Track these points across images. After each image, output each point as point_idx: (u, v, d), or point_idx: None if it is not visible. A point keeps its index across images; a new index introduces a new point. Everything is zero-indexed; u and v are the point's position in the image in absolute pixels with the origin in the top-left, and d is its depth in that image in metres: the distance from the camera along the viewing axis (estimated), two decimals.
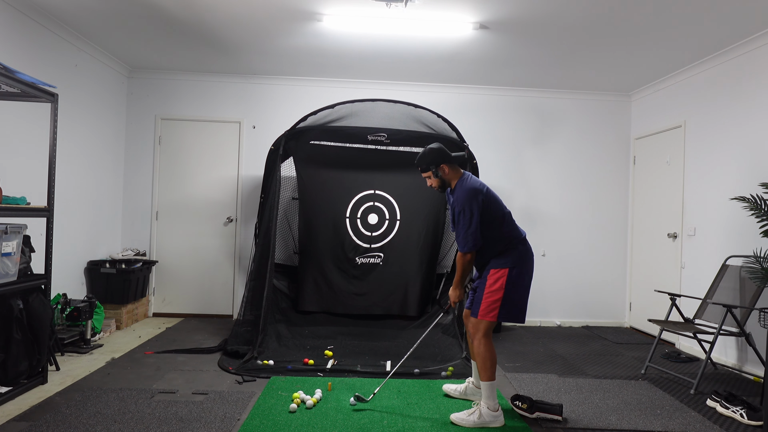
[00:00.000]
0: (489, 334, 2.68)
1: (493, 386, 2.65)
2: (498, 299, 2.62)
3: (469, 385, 3.02)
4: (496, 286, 2.63)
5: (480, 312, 2.65)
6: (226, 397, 2.91)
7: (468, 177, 2.76)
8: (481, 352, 2.66)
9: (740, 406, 2.84)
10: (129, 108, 5.14)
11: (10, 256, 2.85)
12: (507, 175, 5.32)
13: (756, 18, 3.42)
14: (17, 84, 2.79)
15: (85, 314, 3.82)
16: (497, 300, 2.62)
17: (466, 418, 2.65)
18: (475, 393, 2.98)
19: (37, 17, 3.66)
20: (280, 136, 4.38)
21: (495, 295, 2.62)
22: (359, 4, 3.42)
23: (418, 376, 3.39)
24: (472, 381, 3.02)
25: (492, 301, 2.63)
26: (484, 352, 2.65)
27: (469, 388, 3.02)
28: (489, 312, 2.63)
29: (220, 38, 4.13)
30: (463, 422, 2.64)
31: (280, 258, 4.70)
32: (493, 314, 2.63)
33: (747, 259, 3.52)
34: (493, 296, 2.63)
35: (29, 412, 2.64)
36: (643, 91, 5.19)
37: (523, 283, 2.69)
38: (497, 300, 2.62)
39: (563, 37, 3.86)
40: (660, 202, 4.88)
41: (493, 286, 2.64)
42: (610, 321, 5.39)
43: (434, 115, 4.42)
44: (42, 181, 3.28)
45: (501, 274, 2.64)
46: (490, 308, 2.63)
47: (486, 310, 2.64)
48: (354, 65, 4.73)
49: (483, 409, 2.65)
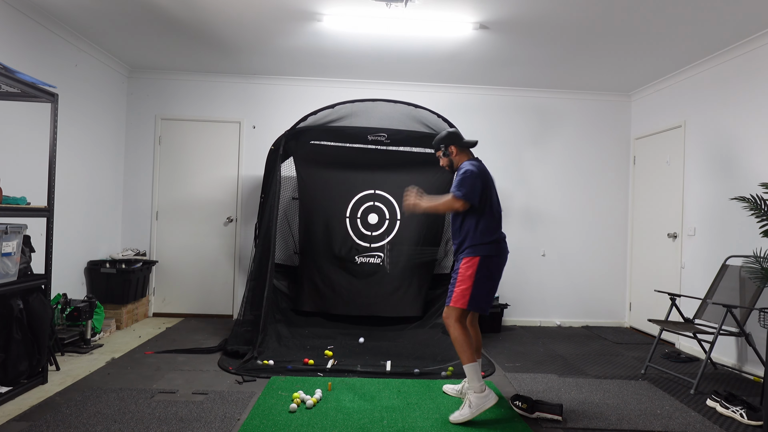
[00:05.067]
0: (460, 320, 2.79)
1: (474, 368, 2.75)
2: (468, 287, 2.75)
3: (467, 384, 3.03)
4: (467, 274, 2.76)
5: (452, 300, 2.78)
6: (226, 397, 2.91)
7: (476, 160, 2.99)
8: (455, 337, 2.77)
9: (740, 406, 2.85)
10: (129, 108, 5.14)
11: (10, 256, 2.85)
12: (507, 175, 5.32)
13: (756, 18, 3.42)
14: (17, 84, 2.79)
15: (85, 314, 3.82)
16: (467, 288, 2.75)
17: (462, 413, 2.72)
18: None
19: (37, 17, 3.66)
20: (280, 136, 4.38)
21: (465, 283, 2.75)
22: (359, 4, 3.43)
23: (418, 376, 3.40)
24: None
25: (463, 289, 2.76)
26: (458, 336, 2.77)
27: (466, 386, 3.02)
28: (459, 299, 2.76)
29: (220, 38, 4.13)
30: (462, 417, 2.70)
31: (280, 258, 4.70)
32: (462, 301, 2.75)
33: (747, 259, 3.52)
34: (464, 284, 2.76)
35: (29, 412, 2.64)
36: (643, 91, 5.19)
37: (492, 276, 2.82)
38: (467, 288, 2.75)
39: (563, 37, 3.86)
40: (660, 202, 4.88)
41: (464, 274, 2.77)
42: (610, 321, 5.39)
43: (434, 115, 4.41)
44: (42, 181, 3.28)
45: (472, 262, 2.77)
46: (460, 295, 2.76)
47: (457, 296, 2.77)
48: (354, 65, 4.73)
49: (471, 396, 2.73)
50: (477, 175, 2.80)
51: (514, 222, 5.29)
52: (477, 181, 2.79)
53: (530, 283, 5.32)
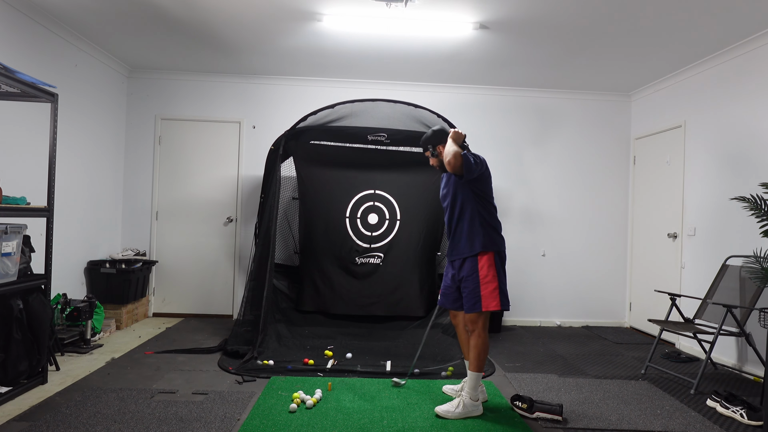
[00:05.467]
0: (486, 327, 2.78)
1: (479, 377, 2.77)
2: (495, 286, 2.69)
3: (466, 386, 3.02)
4: (490, 273, 2.70)
5: (482, 304, 2.69)
6: (226, 397, 2.91)
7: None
8: (478, 344, 2.75)
9: (740, 406, 2.84)
10: (129, 108, 5.14)
11: (10, 256, 2.85)
12: (507, 175, 5.32)
13: (756, 18, 3.42)
14: (17, 84, 2.79)
15: (85, 314, 3.82)
16: (495, 288, 2.69)
17: (451, 411, 2.73)
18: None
19: (37, 17, 3.66)
20: (280, 136, 4.38)
21: (492, 283, 2.69)
22: (359, 4, 3.42)
23: (418, 376, 3.39)
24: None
25: (491, 289, 2.68)
26: (482, 344, 2.75)
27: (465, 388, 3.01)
28: (491, 301, 2.67)
29: (220, 38, 4.13)
30: (448, 414, 2.73)
31: (280, 258, 4.70)
32: (495, 303, 2.67)
33: (747, 259, 3.52)
34: (491, 284, 2.69)
35: (29, 412, 2.64)
36: (643, 91, 5.19)
37: (504, 269, 2.79)
38: (495, 288, 2.69)
39: (563, 37, 3.86)
40: (660, 202, 4.88)
41: (486, 276, 2.70)
42: (610, 321, 5.39)
43: (434, 115, 4.41)
44: (42, 181, 3.27)
45: (488, 260, 2.70)
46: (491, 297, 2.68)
47: (487, 299, 2.68)
48: (354, 65, 4.73)
49: (465, 399, 2.74)
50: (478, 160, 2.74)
51: (514, 222, 5.30)
52: (484, 164, 2.76)
53: (530, 283, 5.32)
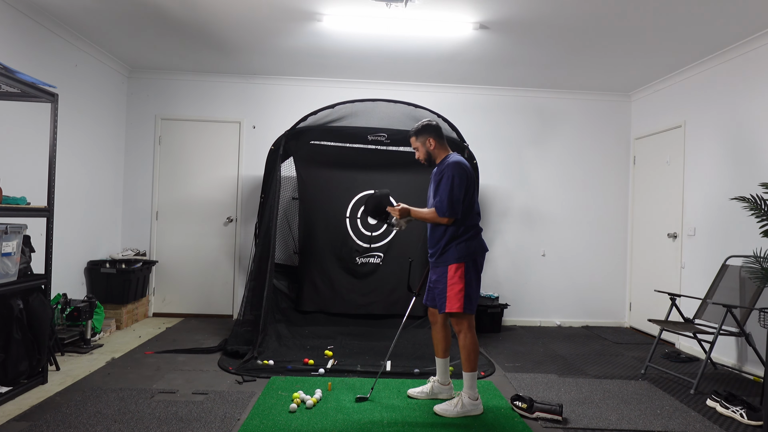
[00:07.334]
0: (472, 326, 2.79)
1: (474, 376, 2.78)
2: (461, 289, 2.71)
3: (435, 384, 3.03)
4: (455, 278, 2.72)
5: (447, 305, 2.73)
6: (226, 397, 2.91)
7: (455, 155, 2.86)
8: (467, 344, 2.76)
9: (740, 406, 2.84)
10: (129, 108, 5.14)
11: (10, 256, 2.85)
12: (507, 175, 5.32)
13: (756, 18, 3.42)
14: (17, 84, 2.79)
15: (85, 314, 3.82)
16: (460, 290, 2.71)
17: (450, 409, 2.75)
18: (442, 390, 3.01)
19: (37, 17, 3.66)
20: (280, 136, 4.38)
21: (457, 286, 2.71)
22: (359, 4, 3.42)
23: (418, 376, 3.39)
24: (437, 379, 3.03)
25: (457, 291, 2.71)
26: (470, 344, 2.76)
27: (435, 386, 3.02)
28: (456, 303, 2.70)
29: (220, 38, 4.13)
30: (447, 413, 2.74)
31: (280, 258, 4.70)
32: (459, 305, 2.70)
33: (747, 259, 3.52)
34: (456, 287, 2.71)
35: (29, 412, 2.64)
36: (643, 91, 5.19)
37: (477, 275, 2.80)
38: (460, 290, 2.71)
39: (563, 37, 3.86)
40: (660, 202, 4.88)
41: (453, 278, 2.72)
42: (610, 321, 5.39)
43: (434, 116, 4.41)
44: (42, 181, 3.27)
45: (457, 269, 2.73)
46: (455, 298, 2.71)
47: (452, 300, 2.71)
48: (354, 65, 4.73)
49: (465, 399, 2.76)
50: (463, 180, 2.69)
51: (514, 222, 5.30)
52: (461, 192, 2.69)
53: (530, 283, 5.32)
